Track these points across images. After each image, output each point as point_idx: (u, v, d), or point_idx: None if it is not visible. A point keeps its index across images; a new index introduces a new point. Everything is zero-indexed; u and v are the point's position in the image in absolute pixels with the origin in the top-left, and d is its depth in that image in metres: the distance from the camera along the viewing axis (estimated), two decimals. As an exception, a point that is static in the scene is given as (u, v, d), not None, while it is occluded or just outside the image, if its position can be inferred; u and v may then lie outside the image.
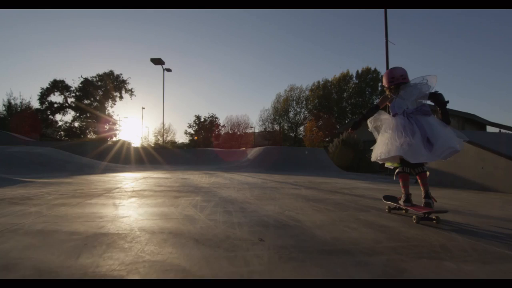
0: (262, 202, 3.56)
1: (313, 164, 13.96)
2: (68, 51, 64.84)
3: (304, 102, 52.63)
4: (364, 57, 68.61)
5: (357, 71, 50.30)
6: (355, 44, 69.52)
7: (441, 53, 65.44)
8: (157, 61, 27.61)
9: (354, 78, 50.64)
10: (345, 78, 50.98)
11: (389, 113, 2.91)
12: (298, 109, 52.86)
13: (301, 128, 52.56)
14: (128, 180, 6.55)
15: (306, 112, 52.26)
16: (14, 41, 59.22)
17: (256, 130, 54.00)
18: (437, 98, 2.70)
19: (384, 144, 2.68)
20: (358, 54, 67.74)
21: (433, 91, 2.70)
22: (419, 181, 2.67)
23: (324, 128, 41.40)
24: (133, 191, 4.47)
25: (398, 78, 2.79)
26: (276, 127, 53.17)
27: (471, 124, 19.45)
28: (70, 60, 64.77)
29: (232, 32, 76.51)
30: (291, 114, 52.81)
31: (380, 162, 2.90)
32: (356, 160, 16.91)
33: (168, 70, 29.11)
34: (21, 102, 32.05)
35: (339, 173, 12.39)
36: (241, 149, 24.50)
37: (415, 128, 2.53)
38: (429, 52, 66.52)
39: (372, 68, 49.87)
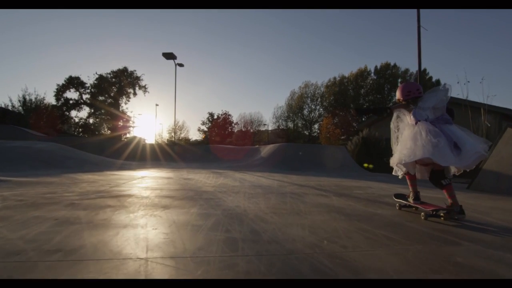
0: (283, 219, 2.49)
1: (333, 162, 12.68)
2: (83, 49, 65.69)
3: (319, 99, 50.94)
4: (383, 53, 65.98)
5: (376, 67, 48.17)
6: (374, 40, 66.87)
7: (474, 49, 61.87)
8: (169, 56, 27.03)
9: (372, 74, 48.54)
10: (362, 74, 48.91)
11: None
12: (313, 106, 51.23)
13: (316, 126, 50.96)
14: (123, 180, 5.63)
15: (321, 109, 50.58)
16: (30, 39, 60.49)
17: (270, 128, 52.85)
18: (449, 112, 2.75)
19: (409, 147, 2.60)
20: (377, 49, 65.12)
21: (447, 102, 2.71)
22: (446, 193, 2.55)
23: (340, 126, 39.81)
24: (115, 196, 3.50)
25: (415, 92, 2.82)
26: (290, 124, 51.76)
27: (509, 120, 17.57)
28: (85, 58, 65.58)
29: (246, 30, 75.33)
30: (305, 112, 51.25)
31: (402, 168, 2.85)
32: (377, 159, 15.59)
33: (180, 65, 28.51)
34: (35, 98, 32.09)
35: (363, 173, 11.12)
36: (254, 146, 23.44)
37: (440, 133, 2.49)
38: (465, 46, 63.10)
39: (392, 64, 47.65)
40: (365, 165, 7.60)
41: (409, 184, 2.93)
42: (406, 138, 2.72)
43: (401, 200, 3.07)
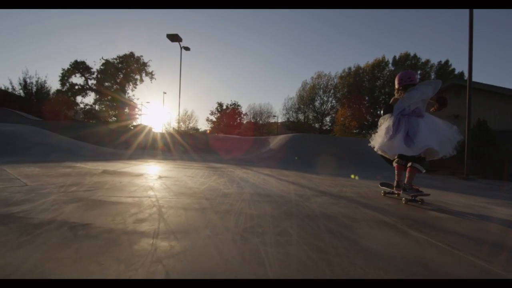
0: None
1: (359, 159, 10.63)
2: (86, 36, 64.30)
3: (332, 91, 48.26)
4: (402, 43, 62.26)
5: (394, 57, 45.13)
6: (393, 30, 63.17)
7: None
8: (174, 38, 25.06)
9: (390, 65, 45.50)
10: (379, 64, 45.91)
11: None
12: (325, 98, 48.62)
13: (327, 119, 48.51)
14: (65, 178, 3.83)
15: (333, 101, 47.96)
16: (33, 24, 59.40)
17: (279, 120, 50.69)
18: (442, 101, 3.10)
19: (376, 141, 3.27)
20: (396, 40, 61.53)
21: (434, 93, 3.01)
22: (406, 173, 3.07)
23: (354, 118, 37.50)
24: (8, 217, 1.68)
25: (406, 80, 3.17)
26: (301, 116, 49.39)
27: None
28: (88, 45, 64.18)
29: (259, 18, 72.45)
30: (317, 103, 48.71)
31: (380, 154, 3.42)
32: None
33: (186, 48, 26.59)
34: (36, 81, 30.73)
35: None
36: (262, 137, 21.51)
37: (401, 127, 2.93)
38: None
39: (412, 54, 44.49)
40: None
41: (395, 173, 3.26)
42: (379, 132, 3.31)
43: (385, 188, 3.53)
